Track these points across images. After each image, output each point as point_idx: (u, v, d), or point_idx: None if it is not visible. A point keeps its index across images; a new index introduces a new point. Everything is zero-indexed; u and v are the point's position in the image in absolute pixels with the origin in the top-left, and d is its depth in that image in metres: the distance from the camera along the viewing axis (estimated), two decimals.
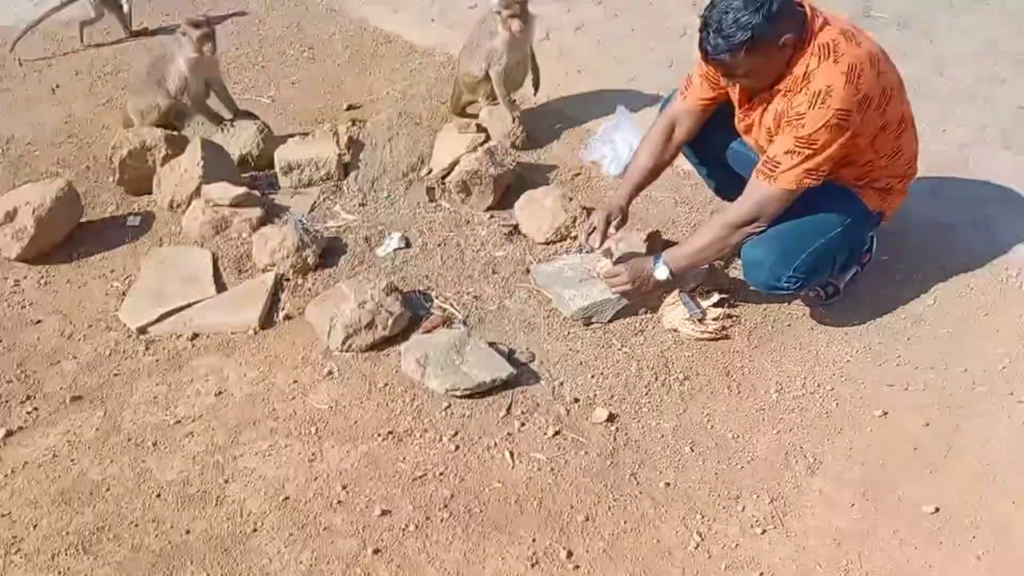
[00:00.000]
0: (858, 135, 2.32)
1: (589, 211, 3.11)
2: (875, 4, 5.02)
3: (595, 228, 2.70)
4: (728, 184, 2.90)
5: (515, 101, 3.76)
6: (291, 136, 3.59)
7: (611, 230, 2.71)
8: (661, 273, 2.54)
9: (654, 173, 2.76)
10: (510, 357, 2.53)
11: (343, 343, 2.56)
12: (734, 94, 2.50)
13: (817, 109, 2.23)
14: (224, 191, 3.11)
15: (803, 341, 2.60)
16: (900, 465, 2.19)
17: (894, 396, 2.39)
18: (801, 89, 2.26)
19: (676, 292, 2.66)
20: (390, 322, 2.58)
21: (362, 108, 4.11)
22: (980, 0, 5.03)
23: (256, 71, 4.50)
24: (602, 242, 2.71)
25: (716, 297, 2.69)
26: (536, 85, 3.81)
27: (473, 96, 3.75)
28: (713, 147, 2.77)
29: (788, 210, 2.40)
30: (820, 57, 2.24)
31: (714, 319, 2.64)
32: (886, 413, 2.34)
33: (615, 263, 2.70)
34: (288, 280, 2.88)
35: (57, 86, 4.38)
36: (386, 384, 2.45)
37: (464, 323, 2.69)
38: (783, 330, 2.65)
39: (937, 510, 2.09)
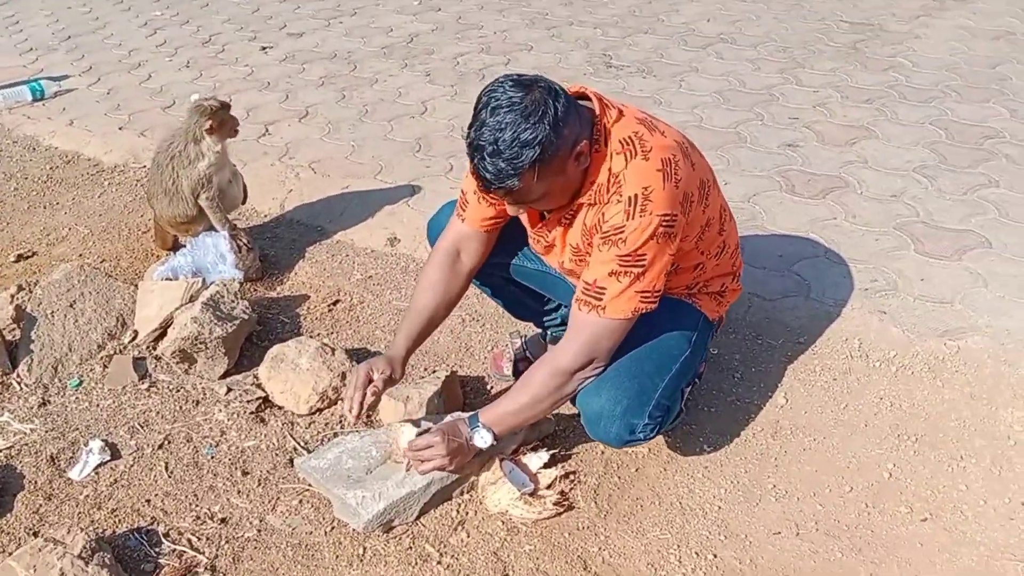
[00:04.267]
0: (684, 238, 1.84)
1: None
2: (613, 54, 4.78)
3: (356, 392, 2.02)
4: (519, 303, 2.39)
5: (236, 225, 3.00)
6: None
7: (370, 391, 2.02)
8: (482, 440, 1.92)
9: (442, 314, 2.13)
10: None
11: None
12: (523, 214, 1.94)
13: (637, 218, 1.72)
14: None
15: (660, 490, 2.06)
16: None
17: (788, 549, 1.91)
18: (611, 197, 1.75)
19: (497, 462, 2.03)
20: None
21: (37, 257, 3.15)
22: (710, 39, 4.95)
23: None
24: (360, 412, 2.02)
25: (546, 454, 2.08)
26: (244, 194, 3.08)
27: (187, 233, 2.92)
28: (495, 268, 2.20)
29: (624, 339, 1.86)
30: (626, 155, 1.74)
31: (549, 487, 2.03)
32: None
33: (418, 435, 2.01)
34: None
35: None
36: None
37: (212, 568, 1.89)
38: (632, 479, 2.10)
39: None
